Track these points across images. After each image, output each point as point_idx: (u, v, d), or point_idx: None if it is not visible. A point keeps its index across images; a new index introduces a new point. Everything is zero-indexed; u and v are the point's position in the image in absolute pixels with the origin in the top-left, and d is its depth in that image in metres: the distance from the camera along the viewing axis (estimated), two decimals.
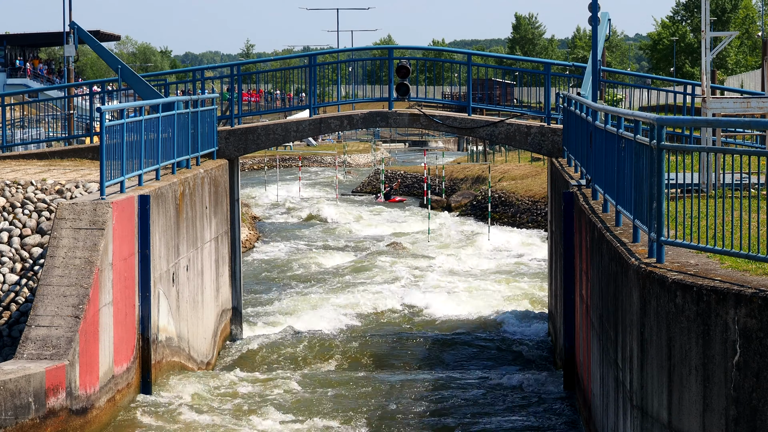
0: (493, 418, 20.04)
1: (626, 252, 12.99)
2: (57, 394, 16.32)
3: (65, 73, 49.31)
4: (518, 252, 43.80)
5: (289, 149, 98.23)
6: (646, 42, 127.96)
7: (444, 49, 36.43)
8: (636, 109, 27.33)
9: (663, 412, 11.31)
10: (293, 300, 33.10)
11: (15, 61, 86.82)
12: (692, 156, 17.20)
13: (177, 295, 22.32)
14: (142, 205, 20.03)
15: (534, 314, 30.78)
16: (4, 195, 21.04)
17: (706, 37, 18.46)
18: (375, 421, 19.74)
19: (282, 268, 41.01)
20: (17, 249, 20.10)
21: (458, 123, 29.02)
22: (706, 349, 10.50)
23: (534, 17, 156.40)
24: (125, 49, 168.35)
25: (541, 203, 52.44)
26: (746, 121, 11.61)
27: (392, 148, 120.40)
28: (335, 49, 51.88)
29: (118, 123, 19.79)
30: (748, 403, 10.09)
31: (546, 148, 28.19)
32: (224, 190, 27.59)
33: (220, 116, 29.13)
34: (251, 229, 50.95)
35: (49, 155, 27.60)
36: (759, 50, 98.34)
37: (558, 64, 34.29)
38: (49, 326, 17.07)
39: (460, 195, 63.95)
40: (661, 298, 11.25)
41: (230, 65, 30.26)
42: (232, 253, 28.48)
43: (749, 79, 77.83)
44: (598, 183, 17.75)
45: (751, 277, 10.93)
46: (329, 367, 24.79)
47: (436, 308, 32.17)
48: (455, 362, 25.46)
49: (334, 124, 29.44)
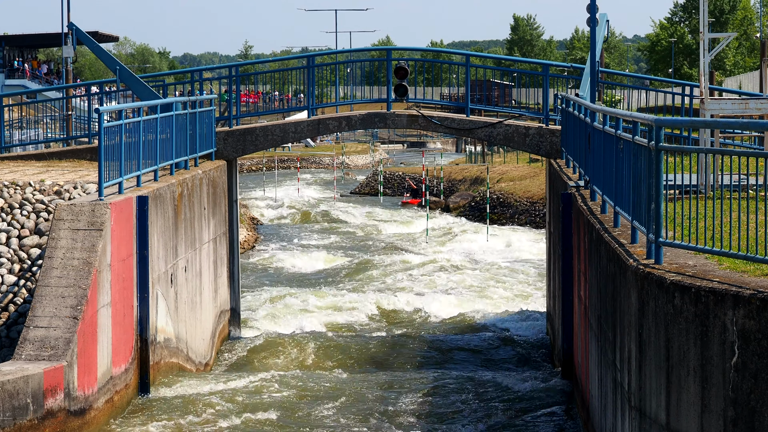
0: (490, 419, 20.03)
1: (624, 253, 12.99)
2: (55, 395, 16.31)
3: (64, 74, 49.31)
4: (516, 253, 43.81)
5: (287, 150, 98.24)
6: (645, 43, 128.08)
7: (442, 50, 36.34)
8: (634, 111, 27.34)
9: (661, 413, 11.31)
10: (291, 301, 33.09)
11: (13, 61, 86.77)
12: (690, 157, 17.20)
13: (175, 296, 22.32)
14: (140, 206, 20.02)
15: (532, 315, 30.78)
16: (3, 196, 21.04)
17: (705, 38, 18.47)
18: (374, 421, 19.74)
19: (280, 268, 41.01)
20: (15, 250, 20.10)
21: (456, 124, 29.02)
22: (705, 351, 10.50)
23: (532, 18, 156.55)
24: (123, 50, 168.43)
25: (540, 204, 52.46)
26: (744, 122, 11.63)
27: (390, 149, 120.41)
28: (334, 50, 51.87)
29: (117, 124, 19.79)
30: (747, 405, 10.10)
31: (544, 149, 28.20)
32: (222, 191, 27.58)
33: (219, 117, 29.12)
34: (250, 230, 50.96)
35: (47, 156, 27.59)
36: (757, 51, 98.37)
37: (556, 66, 34.31)
38: (47, 327, 17.06)
39: (458, 196, 63.95)
40: (660, 299, 11.26)
41: (228, 66, 30.26)
42: (231, 254, 28.47)
43: (747, 80, 77.86)
44: (596, 184, 17.75)
45: (750, 278, 10.93)
46: (328, 367, 24.78)
47: (434, 309, 32.18)
48: (453, 362, 25.46)
49: (332, 125, 29.43)
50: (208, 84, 34.35)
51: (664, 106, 33.22)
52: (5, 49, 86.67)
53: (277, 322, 29.90)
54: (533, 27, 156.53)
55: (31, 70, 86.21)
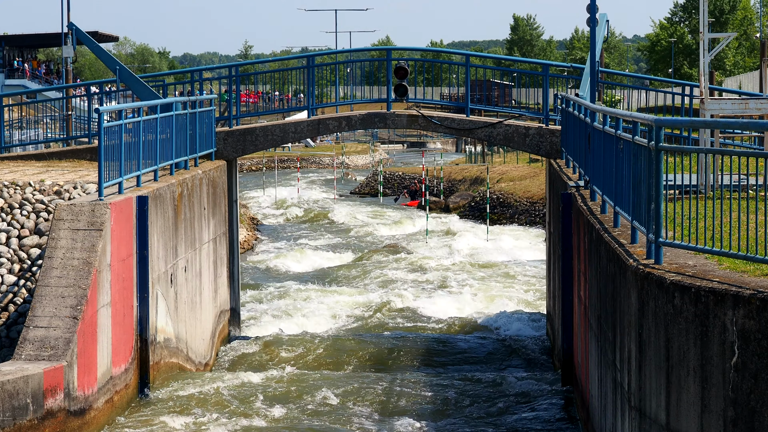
0: (490, 419, 20.03)
1: (624, 253, 12.99)
2: (55, 395, 16.31)
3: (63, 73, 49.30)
4: (516, 253, 43.80)
5: (287, 150, 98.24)
6: (645, 43, 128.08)
7: (442, 50, 36.32)
8: (634, 111, 27.34)
9: (661, 413, 11.31)
10: (291, 301, 33.10)
11: (13, 61, 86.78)
12: (690, 157, 17.20)
13: (175, 296, 22.32)
14: (140, 206, 20.02)
15: (532, 315, 30.78)
16: (3, 196, 21.04)
17: (705, 38, 18.46)
18: (374, 421, 19.74)
19: (280, 268, 41.01)
20: (15, 250, 20.10)
21: (456, 124, 29.02)
22: (704, 351, 10.50)
23: (532, 18, 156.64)
24: (123, 50, 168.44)
25: (540, 204, 52.47)
26: (744, 122, 11.63)
27: (390, 149, 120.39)
28: (334, 50, 51.87)
29: (117, 124, 19.78)
30: (746, 405, 10.10)
31: (544, 149, 28.20)
32: (222, 191, 27.58)
33: (219, 117, 29.12)
34: (249, 230, 50.96)
35: (47, 156, 27.59)
36: (757, 51, 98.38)
37: (556, 66, 34.30)
38: (47, 327, 17.06)
39: (458, 196, 63.96)
40: (659, 299, 11.26)
41: (228, 66, 30.26)
42: (231, 254, 28.47)
43: (747, 80, 77.86)
44: (596, 184, 17.75)
45: (750, 278, 10.93)
46: (328, 367, 24.78)
47: (434, 308, 32.17)
48: (453, 362, 25.46)
49: (332, 125, 29.43)
50: (208, 84, 34.35)
51: (664, 106, 33.22)
52: (5, 49, 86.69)
53: (277, 322, 29.90)
54: (533, 27, 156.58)
55: (31, 70, 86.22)
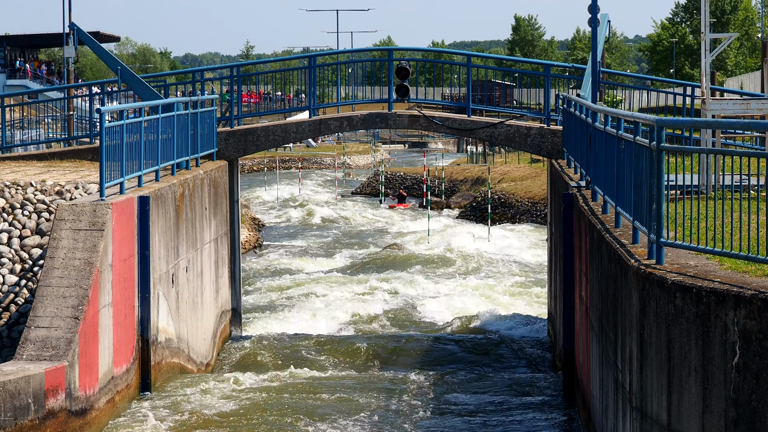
0: (491, 419, 20.03)
1: (626, 253, 12.98)
2: (56, 395, 16.32)
3: (65, 74, 49.32)
4: (518, 253, 43.82)
5: (288, 150, 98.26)
6: (646, 43, 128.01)
7: (444, 51, 36.34)
8: (635, 111, 27.33)
9: (662, 413, 11.30)
10: (292, 301, 33.10)
11: (15, 62, 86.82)
12: (692, 157, 17.20)
13: (176, 296, 22.32)
14: (141, 207, 20.02)
15: (533, 315, 30.78)
16: (4, 196, 21.04)
17: (706, 38, 18.46)
18: (374, 421, 19.74)
19: (281, 268, 41.02)
20: (17, 250, 20.10)
21: (458, 124, 29.02)
22: (706, 351, 10.50)
23: (534, 19, 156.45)
24: (125, 50, 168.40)
25: (541, 204, 52.48)
26: (746, 122, 11.62)
27: (392, 149, 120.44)
28: (335, 51, 51.87)
29: (118, 124, 19.79)
30: (748, 405, 10.09)
31: (545, 150, 28.19)
32: (224, 191, 27.59)
33: (220, 117, 29.13)
34: (251, 230, 50.96)
35: (48, 156, 27.60)
36: (758, 52, 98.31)
37: (558, 66, 34.32)
38: (48, 327, 17.07)
39: (459, 196, 63.99)
40: (661, 299, 11.25)
41: (230, 66, 30.27)
42: (232, 254, 28.47)
43: (749, 80, 77.84)
44: (597, 184, 17.75)
45: (751, 278, 10.93)
46: (329, 367, 24.78)
47: (435, 309, 32.19)
48: (454, 362, 25.46)
49: (333, 126, 29.44)
50: (209, 84, 34.36)
51: (665, 107, 33.22)
52: (7, 49, 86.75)
53: (278, 322, 29.90)
54: (534, 27, 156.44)
55: (32, 71, 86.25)
